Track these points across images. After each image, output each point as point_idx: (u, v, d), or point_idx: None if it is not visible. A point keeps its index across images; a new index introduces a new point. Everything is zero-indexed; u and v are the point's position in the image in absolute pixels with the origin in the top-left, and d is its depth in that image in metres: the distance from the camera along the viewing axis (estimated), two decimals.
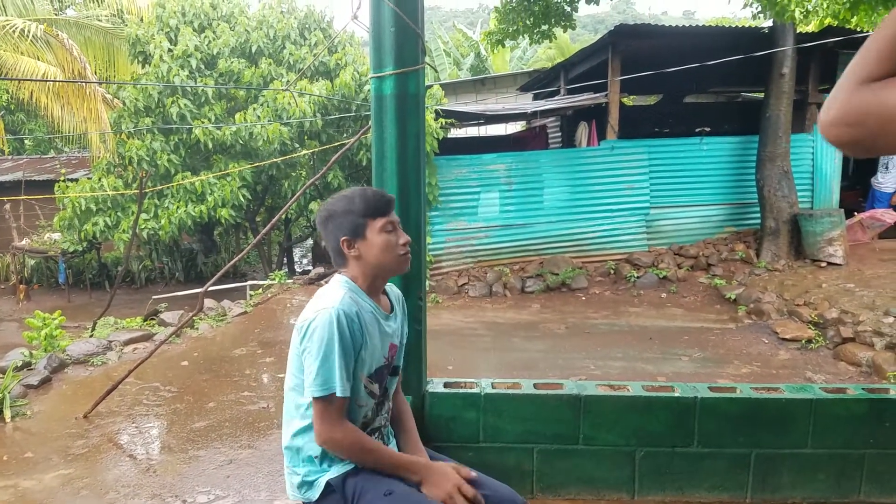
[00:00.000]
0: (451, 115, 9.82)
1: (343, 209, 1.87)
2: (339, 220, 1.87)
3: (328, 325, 1.74)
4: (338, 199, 1.91)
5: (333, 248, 1.90)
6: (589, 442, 2.93)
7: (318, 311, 1.77)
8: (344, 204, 1.87)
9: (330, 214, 1.89)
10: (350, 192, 1.91)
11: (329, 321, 1.74)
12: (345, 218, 1.86)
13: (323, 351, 1.73)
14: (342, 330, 1.74)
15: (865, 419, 2.97)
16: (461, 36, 25.16)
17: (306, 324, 1.79)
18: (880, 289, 7.12)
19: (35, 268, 13.38)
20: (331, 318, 1.74)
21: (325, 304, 1.78)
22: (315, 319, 1.77)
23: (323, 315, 1.75)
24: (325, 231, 1.92)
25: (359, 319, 1.80)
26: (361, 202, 1.86)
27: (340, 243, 1.87)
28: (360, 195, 1.88)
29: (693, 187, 9.88)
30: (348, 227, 1.86)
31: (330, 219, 1.89)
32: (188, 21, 10.92)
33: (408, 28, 2.29)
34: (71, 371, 5.64)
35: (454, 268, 9.62)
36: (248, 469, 3.75)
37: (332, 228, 1.89)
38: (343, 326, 1.74)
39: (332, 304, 1.77)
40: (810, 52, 9.13)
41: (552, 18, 8.02)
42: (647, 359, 6.19)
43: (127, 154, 10.03)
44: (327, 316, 1.75)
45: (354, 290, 1.88)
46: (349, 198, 1.88)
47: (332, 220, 1.89)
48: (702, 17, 63.12)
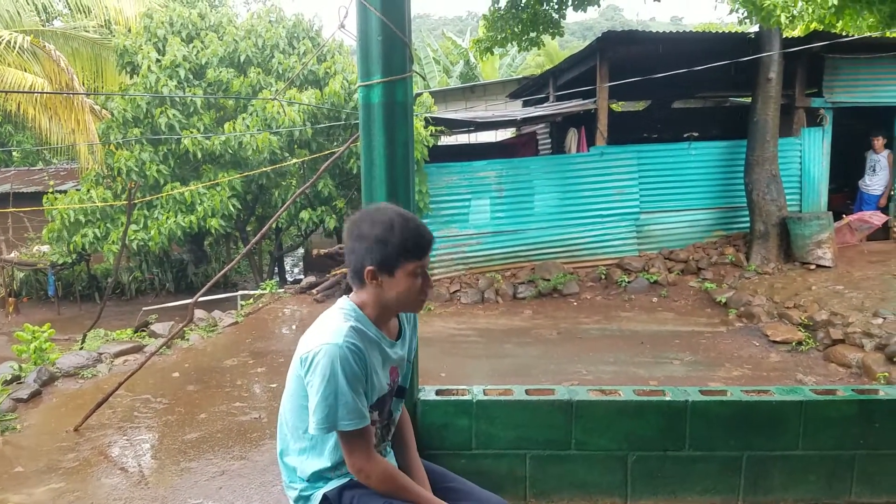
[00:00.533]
0: (441, 123, 9.85)
1: (379, 237, 1.72)
2: (371, 247, 1.73)
3: (332, 364, 1.69)
4: (375, 222, 1.74)
5: (355, 269, 1.79)
6: (581, 447, 2.93)
7: (322, 346, 1.71)
8: (381, 231, 1.73)
9: (361, 235, 1.75)
10: (389, 217, 1.74)
11: (333, 359, 1.69)
12: (378, 246, 1.73)
13: (327, 388, 1.70)
14: (347, 368, 1.70)
15: (855, 420, 2.99)
16: (450, 44, 25.27)
17: (309, 356, 1.73)
18: (869, 290, 7.18)
19: (24, 280, 13.29)
20: (335, 356, 1.69)
21: (329, 339, 1.72)
22: (318, 354, 1.71)
23: (326, 352, 1.70)
24: (352, 245, 1.78)
25: (363, 355, 1.75)
26: (401, 236, 1.72)
27: (365, 272, 1.76)
28: (400, 226, 1.73)
29: (682, 192, 9.94)
30: (379, 259, 1.74)
31: (361, 239, 1.75)
32: (176, 31, 10.91)
33: (395, 36, 2.30)
34: (61, 384, 5.59)
35: (446, 275, 9.62)
36: (240, 480, 3.73)
37: (360, 250, 1.76)
38: (349, 364, 1.70)
39: (335, 339, 1.71)
40: (797, 56, 9.22)
41: (540, 26, 8.08)
42: (638, 363, 6.20)
43: (116, 165, 9.99)
44: (331, 353, 1.70)
45: (360, 320, 1.80)
46: (388, 225, 1.73)
47: (363, 241, 1.75)
48: (689, 23, 63.65)
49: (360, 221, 1.78)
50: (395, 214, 1.75)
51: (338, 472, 1.87)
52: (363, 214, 1.80)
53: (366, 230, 1.74)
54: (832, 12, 6.34)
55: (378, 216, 1.76)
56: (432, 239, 1.80)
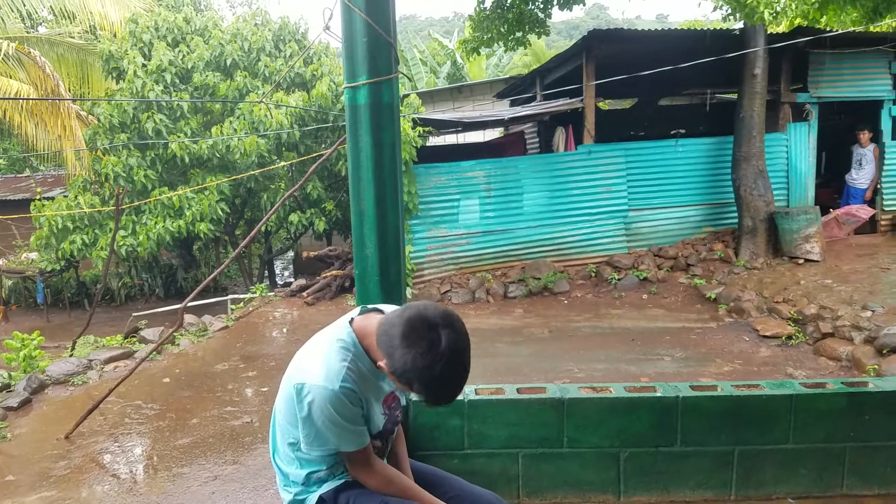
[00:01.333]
0: (429, 124, 9.84)
1: (413, 365, 1.57)
2: (404, 363, 1.58)
3: (328, 408, 1.68)
4: (427, 351, 1.56)
5: (383, 338, 1.64)
6: (573, 445, 2.94)
7: (317, 388, 1.67)
8: (424, 359, 1.56)
9: (411, 348, 1.58)
10: (440, 352, 1.56)
11: (329, 404, 1.67)
12: (405, 370, 1.59)
13: (318, 429, 1.71)
14: (344, 410, 1.69)
15: (845, 413, 3.01)
16: (437, 45, 25.28)
17: (303, 392, 1.70)
18: (857, 284, 7.24)
19: (13, 288, 13.18)
20: (331, 401, 1.67)
21: (324, 381, 1.67)
22: (312, 395, 1.68)
23: (322, 395, 1.67)
24: (399, 336, 1.59)
25: (359, 396, 1.73)
26: (428, 387, 1.59)
27: (382, 363, 1.67)
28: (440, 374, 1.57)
29: (670, 189, 9.98)
30: (400, 373, 1.61)
31: (404, 352, 1.58)
32: (162, 36, 10.86)
33: (380, 38, 2.30)
34: (51, 392, 5.56)
35: (436, 275, 9.62)
36: (233, 485, 3.72)
37: (391, 353, 1.60)
38: (346, 406, 1.69)
39: (331, 384, 1.67)
40: (782, 52, 9.28)
41: (526, 25, 8.10)
42: (629, 360, 6.22)
43: (103, 171, 9.92)
44: (327, 398, 1.67)
45: (358, 356, 1.75)
46: (435, 357, 1.56)
47: (401, 353, 1.58)
48: (675, 20, 64.04)
49: (411, 338, 1.58)
50: (447, 348, 1.58)
51: (333, 474, 1.88)
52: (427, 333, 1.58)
53: (409, 358, 1.58)
54: (815, 8, 6.41)
55: (434, 343, 1.57)
56: (449, 403, 1.67)
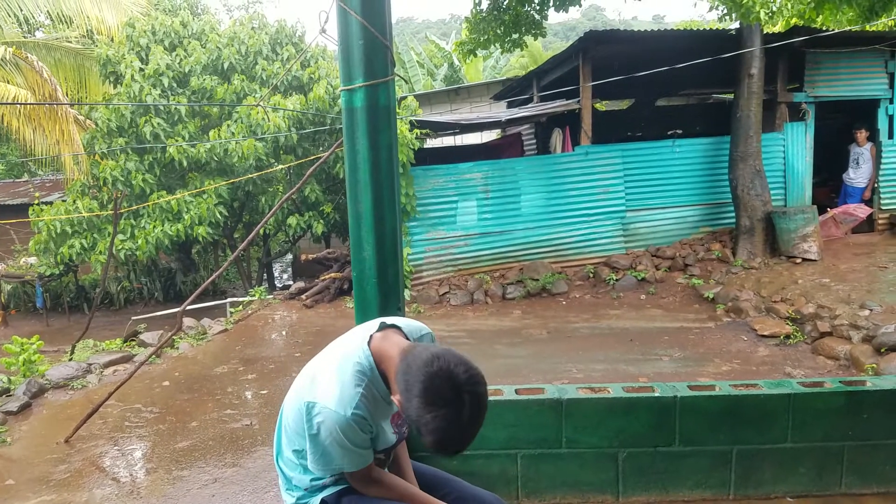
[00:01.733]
0: (426, 126, 9.86)
1: (427, 424, 1.51)
2: (416, 413, 1.53)
3: (337, 433, 1.67)
4: (441, 414, 1.50)
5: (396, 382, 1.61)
6: (572, 445, 2.94)
7: (330, 412, 1.66)
8: (436, 423, 1.50)
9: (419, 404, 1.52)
10: (452, 423, 1.51)
11: (339, 428, 1.67)
12: (420, 422, 1.52)
13: (329, 449, 1.72)
14: (353, 436, 1.69)
15: (844, 412, 3.02)
16: (434, 47, 25.30)
17: (313, 413, 1.69)
18: (855, 283, 7.25)
19: (12, 293, 13.16)
20: (342, 427, 1.67)
21: (337, 405, 1.66)
22: (324, 419, 1.68)
23: (334, 419, 1.66)
24: (410, 382, 1.55)
25: (370, 423, 1.72)
26: (440, 444, 1.54)
27: (393, 395, 1.66)
28: (450, 439, 1.53)
29: (668, 189, 10.00)
30: (412, 420, 1.55)
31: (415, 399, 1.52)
32: (159, 40, 10.86)
33: (376, 40, 2.31)
34: (51, 396, 5.56)
35: (435, 277, 9.63)
36: (233, 487, 3.72)
37: (409, 399, 1.55)
38: (356, 433, 1.69)
39: (344, 410, 1.65)
40: (778, 51, 9.31)
41: (522, 27, 8.11)
42: (628, 360, 6.23)
43: (101, 175, 9.93)
44: (338, 422, 1.66)
45: (374, 381, 1.72)
46: (446, 428, 1.51)
47: (415, 402, 1.52)
48: (671, 21, 64.04)
49: (440, 395, 1.51)
50: (456, 432, 1.53)
51: (336, 481, 1.88)
52: (449, 394, 1.51)
53: (429, 410, 1.51)
54: (812, 7, 6.42)
55: (447, 397, 1.51)
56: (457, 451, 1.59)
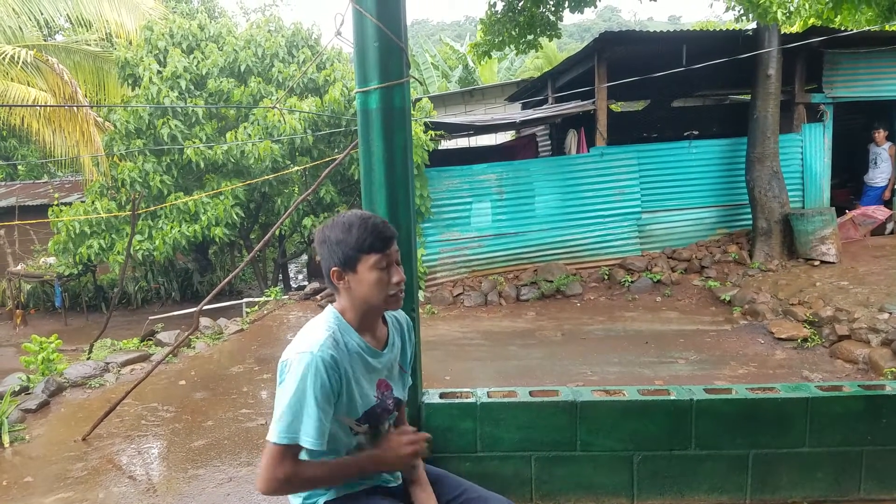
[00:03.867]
0: (441, 127, 9.87)
1: (337, 238, 1.76)
2: (332, 248, 1.77)
3: (303, 372, 1.67)
4: (335, 225, 1.79)
5: (326, 274, 1.82)
6: (586, 448, 2.93)
7: (298, 354, 1.70)
8: (339, 232, 1.77)
9: (324, 239, 1.80)
10: (348, 219, 1.78)
11: (305, 368, 1.67)
12: (337, 247, 1.76)
13: (294, 396, 1.67)
14: (319, 379, 1.67)
15: (862, 416, 2.98)
16: (449, 49, 25.32)
17: (285, 363, 1.73)
18: (874, 285, 7.16)
19: (31, 292, 13.36)
20: (307, 364, 1.67)
21: (305, 347, 1.71)
22: (292, 362, 1.70)
23: (300, 360, 1.69)
24: (320, 254, 1.83)
25: (338, 367, 1.72)
26: (357, 234, 1.74)
27: (331, 273, 1.79)
28: (358, 226, 1.76)
29: (684, 190, 9.93)
30: (339, 258, 1.76)
31: (324, 244, 1.80)
32: (176, 42, 10.98)
33: (391, 42, 2.32)
34: (69, 394, 5.62)
35: (449, 278, 9.63)
36: (247, 486, 3.74)
37: (325, 254, 1.80)
38: (320, 375, 1.67)
39: (311, 348, 1.70)
40: (796, 52, 9.22)
41: (537, 28, 8.08)
42: (643, 363, 6.19)
43: (119, 176, 10.05)
44: (304, 362, 1.68)
45: (342, 328, 1.80)
46: (346, 226, 1.77)
47: (326, 245, 1.79)
48: (687, 21, 63.68)
49: (320, 231, 1.83)
50: (353, 216, 1.79)
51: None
52: (325, 224, 1.84)
53: (325, 235, 1.80)
54: (829, 7, 6.34)
55: (337, 221, 1.80)
56: (392, 235, 1.80)
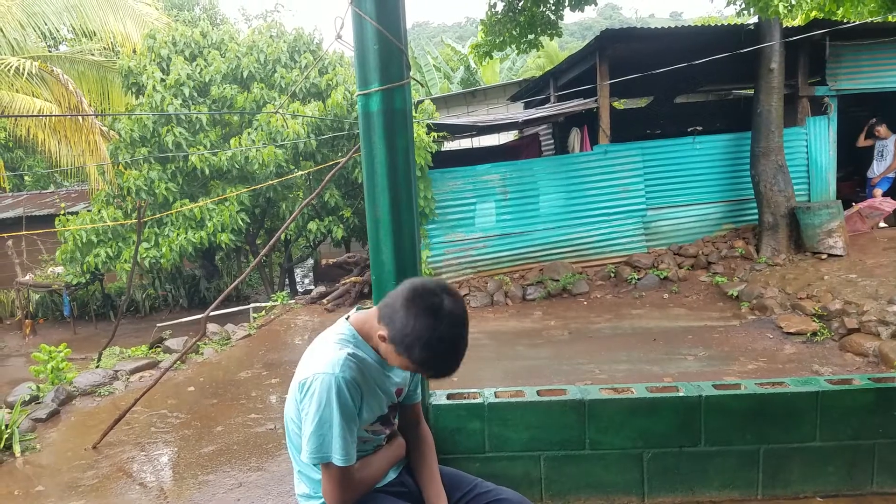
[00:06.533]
0: (443, 129, 9.87)
1: (415, 326, 1.61)
2: (403, 327, 1.63)
3: (326, 395, 1.69)
4: (425, 311, 1.61)
5: (383, 309, 1.71)
6: (595, 446, 2.92)
7: (318, 375, 1.70)
8: (424, 321, 1.61)
9: (409, 312, 1.63)
10: (438, 317, 1.61)
11: (327, 390, 1.69)
12: (408, 331, 1.62)
13: (322, 419, 1.70)
14: (342, 399, 1.69)
15: (873, 409, 2.96)
16: (450, 50, 25.33)
17: (305, 384, 1.73)
18: (883, 278, 7.11)
19: (40, 302, 13.42)
20: (329, 386, 1.69)
21: (325, 368, 1.71)
22: (312, 383, 1.71)
23: (322, 382, 1.70)
24: (393, 305, 1.67)
25: (359, 386, 1.74)
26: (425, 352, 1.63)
27: (382, 330, 1.70)
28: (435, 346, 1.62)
29: (689, 186, 9.90)
30: (398, 336, 1.65)
31: (407, 313, 1.63)
32: (179, 50, 11.01)
33: (391, 44, 2.32)
34: (79, 402, 5.65)
35: (454, 279, 9.63)
36: (257, 491, 3.75)
37: (395, 315, 1.65)
38: (343, 396, 1.70)
39: (332, 369, 1.70)
40: (798, 45, 9.18)
41: (538, 27, 8.07)
42: (651, 360, 6.17)
43: (125, 185, 10.09)
44: (326, 383, 1.69)
45: (360, 345, 1.80)
46: (432, 325, 1.61)
47: (403, 316, 1.63)
48: (689, 17, 63.50)
49: (417, 301, 1.64)
50: (447, 332, 1.63)
51: None
52: (429, 297, 1.64)
53: (413, 315, 1.63)
54: None
55: (433, 320, 1.62)
56: (448, 374, 1.69)
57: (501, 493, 2.04)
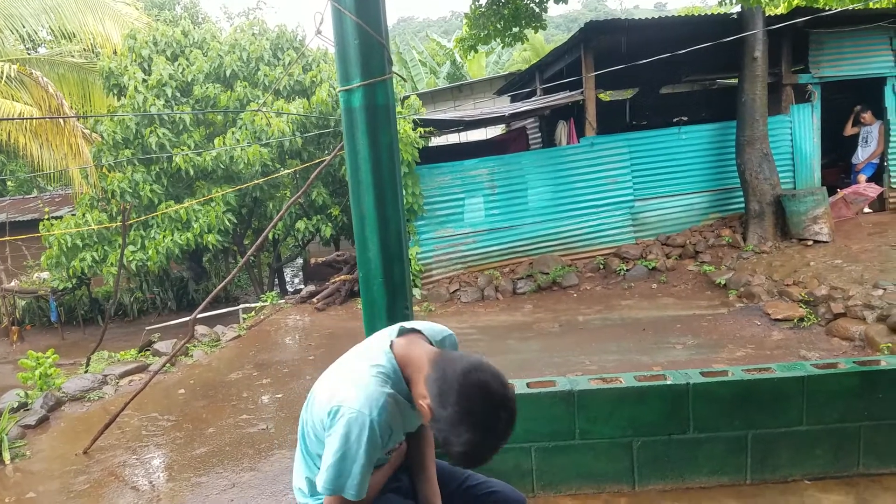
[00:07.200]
0: (430, 124, 9.85)
1: (460, 433, 1.55)
2: (448, 422, 1.56)
3: (356, 434, 1.63)
4: (476, 425, 1.54)
5: (429, 383, 1.63)
6: (585, 436, 2.94)
7: (354, 412, 1.63)
8: (472, 436, 1.55)
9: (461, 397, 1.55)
10: (487, 437, 1.56)
11: (359, 430, 1.63)
12: (451, 431, 1.56)
13: (345, 454, 1.64)
14: (372, 441, 1.64)
15: (859, 392, 3.00)
16: (436, 45, 25.31)
17: (338, 414, 1.66)
18: (868, 262, 7.18)
19: (26, 308, 13.30)
20: (362, 427, 1.63)
21: (361, 405, 1.64)
22: (347, 418, 1.64)
23: (357, 420, 1.63)
24: (448, 386, 1.58)
25: (391, 427, 1.70)
26: (468, 457, 1.58)
27: (426, 403, 1.63)
28: (479, 452, 1.57)
29: (675, 177, 9.95)
30: (444, 429, 1.58)
31: (451, 407, 1.56)
32: (160, 50, 10.92)
33: (372, 39, 2.31)
34: (68, 408, 5.61)
35: (445, 275, 9.63)
36: (251, 491, 3.74)
37: (443, 403, 1.57)
38: (374, 438, 1.64)
39: (369, 411, 1.63)
40: (781, 33, 9.21)
41: (522, 20, 8.09)
42: (641, 350, 6.21)
43: (109, 187, 10.01)
44: (359, 423, 1.63)
45: (398, 383, 1.73)
46: (479, 442, 1.56)
47: (450, 411, 1.56)
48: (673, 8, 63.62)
49: (482, 413, 1.55)
50: (490, 443, 1.58)
51: None
52: (491, 412, 1.56)
53: (467, 421, 1.55)
54: None
55: (487, 432, 1.56)
56: (481, 464, 1.63)
57: (493, 486, 2.06)
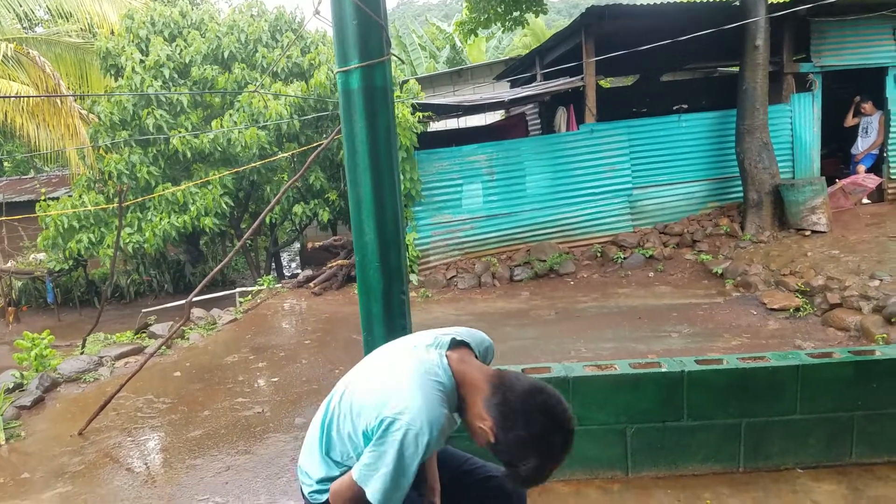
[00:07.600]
0: (429, 109, 9.79)
1: (525, 458, 1.59)
2: (513, 444, 1.60)
3: (412, 451, 1.62)
4: (540, 450, 1.59)
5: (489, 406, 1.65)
6: (580, 422, 2.93)
7: (411, 428, 1.62)
8: (536, 459, 1.59)
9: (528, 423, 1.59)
10: (548, 461, 1.61)
11: (415, 447, 1.62)
12: (515, 453, 1.61)
13: (398, 468, 1.63)
14: (422, 455, 1.64)
15: (853, 382, 3.01)
16: (435, 29, 25.14)
17: (390, 422, 1.64)
18: (865, 253, 7.19)
19: (22, 289, 13.27)
20: (419, 444, 1.62)
21: (421, 422, 1.62)
22: (402, 429, 1.62)
23: (416, 437, 1.62)
24: (513, 411, 1.61)
25: (439, 442, 1.69)
26: (529, 480, 1.63)
27: (486, 426, 1.65)
28: (541, 474, 1.62)
29: (674, 165, 9.92)
30: (505, 452, 1.62)
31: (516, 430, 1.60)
32: (158, 31, 10.82)
33: (370, 20, 2.29)
34: (63, 389, 5.61)
35: (442, 261, 9.62)
36: (246, 474, 3.75)
37: (506, 428, 1.61)
38: (426, 451, 1.64)
39: (429, 430, 1.62)
40: (783, 21, 9.15)
41: (523, 4, 8.03)
42: (637, 338, 6.22)
43: (106, 169, 9.95)
44: (418, 441, 1.62)
45: (451, 397, 1.72)
46: (541, 464, 1.60)
47: (515, 433, 1.60)
48: None
49: (547, 440, 1.60)
50: (546, 465, 1.62)
51: None
52: (556, 438, 1.61)
53: (533, 448, 1.59)
54: None
55: (550, 456, 1.61)
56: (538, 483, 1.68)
57: (490, 471, 2.10)
